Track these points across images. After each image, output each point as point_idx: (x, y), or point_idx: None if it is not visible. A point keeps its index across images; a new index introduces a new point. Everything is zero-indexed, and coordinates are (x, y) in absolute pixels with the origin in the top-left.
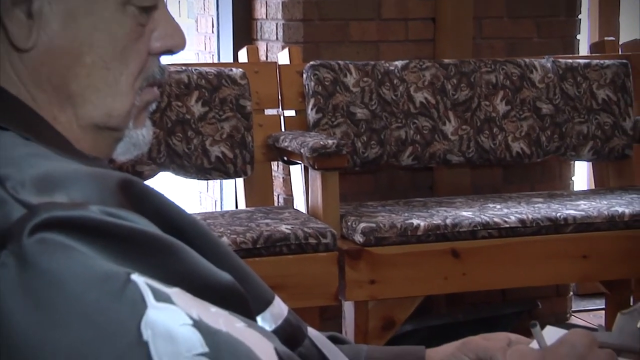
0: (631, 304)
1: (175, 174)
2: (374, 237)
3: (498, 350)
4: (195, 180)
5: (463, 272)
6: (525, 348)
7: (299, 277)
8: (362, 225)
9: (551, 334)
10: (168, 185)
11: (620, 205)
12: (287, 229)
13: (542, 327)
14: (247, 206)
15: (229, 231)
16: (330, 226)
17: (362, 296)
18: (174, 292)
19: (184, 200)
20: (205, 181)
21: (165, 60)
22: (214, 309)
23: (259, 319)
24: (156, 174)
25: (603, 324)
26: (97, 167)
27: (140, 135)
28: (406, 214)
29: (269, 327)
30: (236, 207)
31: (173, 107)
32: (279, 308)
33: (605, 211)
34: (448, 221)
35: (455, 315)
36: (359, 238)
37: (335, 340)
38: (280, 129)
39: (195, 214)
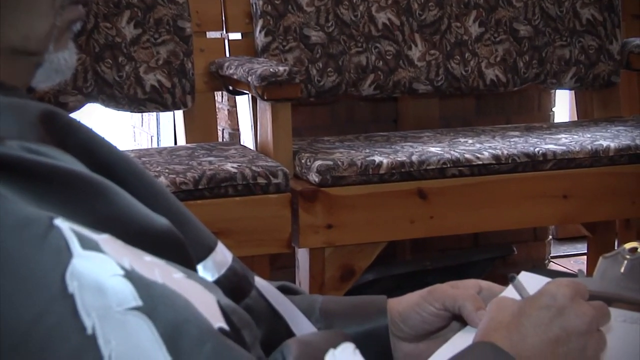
0: (616, 248)
1: (105, 106)
2: (330, 177)
3: (467, 298)
4: (128, 113)
5: (430, 215)
6: (504, 299)
7: (246, 222)
8: (318, 163)
9: (526, 280)
10: (96, 118)
11: (605, 138)
12: (233, 167)
13: (517, 274)
14: (187, 142)
15: (167, 170)
16: (281, 164)
17: (317, 242)
18: (102, 238)
19: (115, 135)
20: (140, 114)
21: None
22: (148, 257)
23: (200, 267)
24: (82, 105)
25: (585, 270)
26: (14, 97)
27: (62, 59)
28: (367, 150)
29: (211, 277)
30: (175, 143)
31: (101, 28)
32: (223, 255)
33: (589, 145)
34: (414, 158)
35: (422, 263)
36: (314, 177)
37: (287, 291)
38: (225, 55)
39: (128, 151)
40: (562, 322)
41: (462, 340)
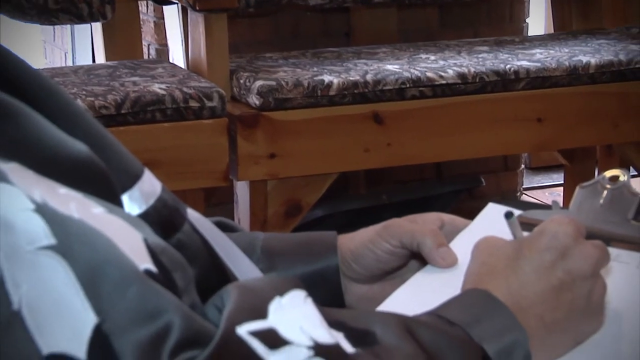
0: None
1: (10, 17)
2: (273, 99)
3: (427, 234)
4: (37, 26)
5: (388, 142)
6: (492, 239)
7: (177, 152)
8: (259, 83)
9: (494, 213)
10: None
11: (584, 53)
12: (160, 89)
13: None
14: (107, 60)
15: (84, 92)
16: (217, 85)
17: (259, 174)
18: (10, 167)
19: (23, 52)
20: (51, 26)
21: None
22: (63, 190)
23: (125, 198)
24: None
25: (561, 202)
26: None
27: None
28: (315, 69)
29: (138, 209)
30: (93, 61)
31: None
32: (151, 184)
33: (566, 62)
34: (369, 77)
35: (378, 197)
36: (254, 100)
37: (223, 228)
38: None
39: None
40: (566, 264)
41: (421, 280)
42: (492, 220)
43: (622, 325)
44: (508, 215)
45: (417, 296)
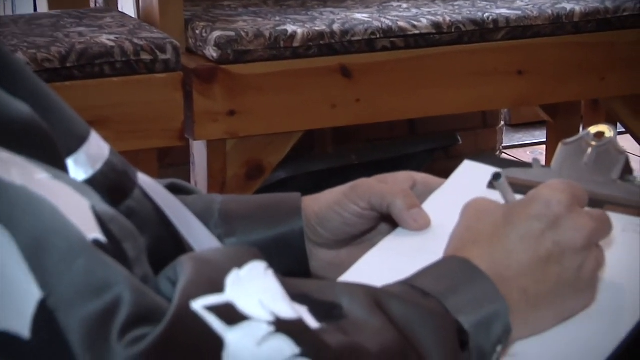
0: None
1: None
2: (232, 51)
3: (398, 195)
4: None
5: (356, 98)
6: (483, 202)
7: (128, 108)
8: (217, 34)
9: (470, 171)
10: None
11: (568, 0)
12: (109, 40)
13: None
14: (50, 8)
15: (25, 44)
16: (170, 36)
17: (217, 133)
18: None
19: None
20: None
21: None
22: (4, 154)
23: (70, 162)
24: None
25: (543, 161)
26: None
27: None
28: (278, 18)
29: (84, 173)
30: (34, 9)
31: None
32: (98, 147)
33: (549, 9)
34: (336, 27)
35: (347, 157)
36: (211, 52)
37: (177, 191)
38: None
39: None
40: (556, 235)
41: (392, 244)
42: (468, 179)
43: (605, 289)
44: (496, 177)
45: (387, 261)
